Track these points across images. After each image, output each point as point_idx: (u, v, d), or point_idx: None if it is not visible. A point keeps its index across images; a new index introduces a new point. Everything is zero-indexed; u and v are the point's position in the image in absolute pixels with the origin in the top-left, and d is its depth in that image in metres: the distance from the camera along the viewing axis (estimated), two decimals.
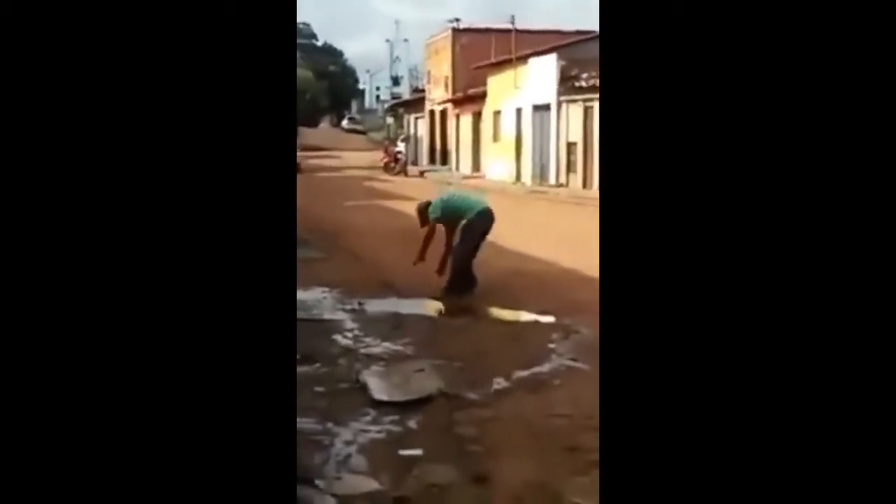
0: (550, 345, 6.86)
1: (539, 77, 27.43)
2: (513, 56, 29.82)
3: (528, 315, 8.08)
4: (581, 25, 33.82)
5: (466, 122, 36.34)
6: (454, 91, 37.91)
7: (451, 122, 38.77)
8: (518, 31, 31.38)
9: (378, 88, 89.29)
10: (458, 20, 38.64)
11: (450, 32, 38.73)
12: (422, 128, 44.32)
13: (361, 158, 43.27)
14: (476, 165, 34.82)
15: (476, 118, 34.96)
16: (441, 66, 39.78)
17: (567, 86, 25.82)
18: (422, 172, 35.57)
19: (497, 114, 31.76)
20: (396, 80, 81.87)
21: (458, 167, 36.73)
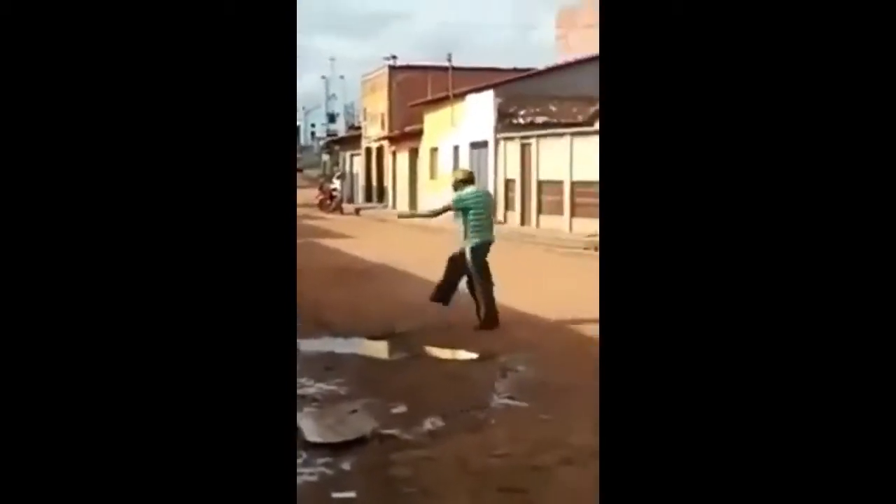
0: (489, 384, 6.76)
1: (476, 114, 27.56)
2: (450, 93, 29.95)
3: (466, 353, 7.98)
4: (518, 63, 34.20)
5: (403, 160, 36.37)
6: (391, 128, 37.97)
7: (388, 160, 38.80)
8: (455, 69, 31.56)
9: (313, 125, 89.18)
10: (395, 57, 38.77)
11: (386, 70, 38.84)
12: (358, 165, 44.31)
13: (297, 196, 43.03)
14: (413, 203, 34.80)
15: (413, 155, 35.00)
16: (377, 104, 39.84)
17: (504, 123, 25.97)
18: (357, 210, 35.50)
19: (434, 151, 31.82)
20: (332, 118, 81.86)
21: (395, 204, 36.69)
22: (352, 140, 46.58)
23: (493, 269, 9.08)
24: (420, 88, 33.97)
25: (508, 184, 25.70)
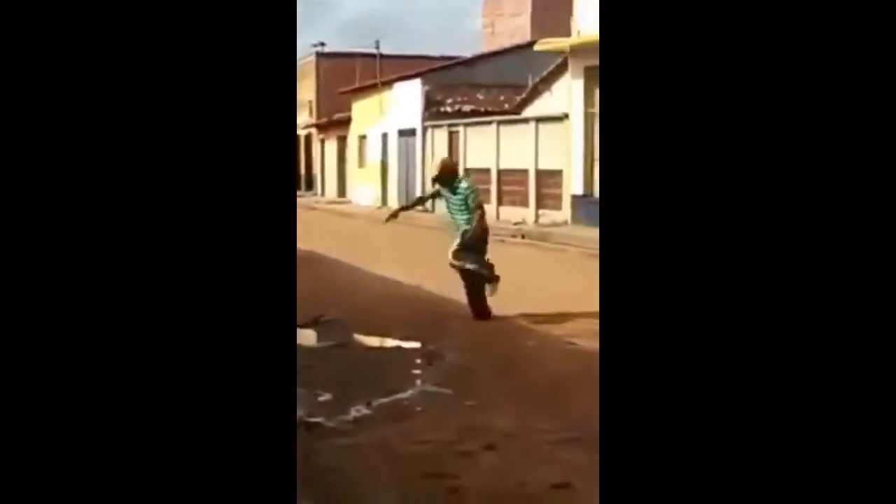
0: (414, 371, 6.79)
1: (404, 102, 27.53)
2: (378, 81, 29.86)
3: (393, 341, 8.00)
4: (446, 51, 34.23)
5: (331, 148, 36.19)
6: (318, 116, 37.75)
7: (316, 148, 38.56)
8: (383, 56, 31.53)
9: None
10: (323, 44, 38.58)
11: (314, 57, 38.60)
12: None
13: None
14: (342, 191, 34.67)
15: (341, 143, 34.85)
16: (305, 91, 39.54)
17: (432, 111, 25.99)
18: None
19: (362, 139, 31.72)
20: None
21: (324, 192, 36.50)
22: None
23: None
24: (348, 76, 33.81)
25: None
